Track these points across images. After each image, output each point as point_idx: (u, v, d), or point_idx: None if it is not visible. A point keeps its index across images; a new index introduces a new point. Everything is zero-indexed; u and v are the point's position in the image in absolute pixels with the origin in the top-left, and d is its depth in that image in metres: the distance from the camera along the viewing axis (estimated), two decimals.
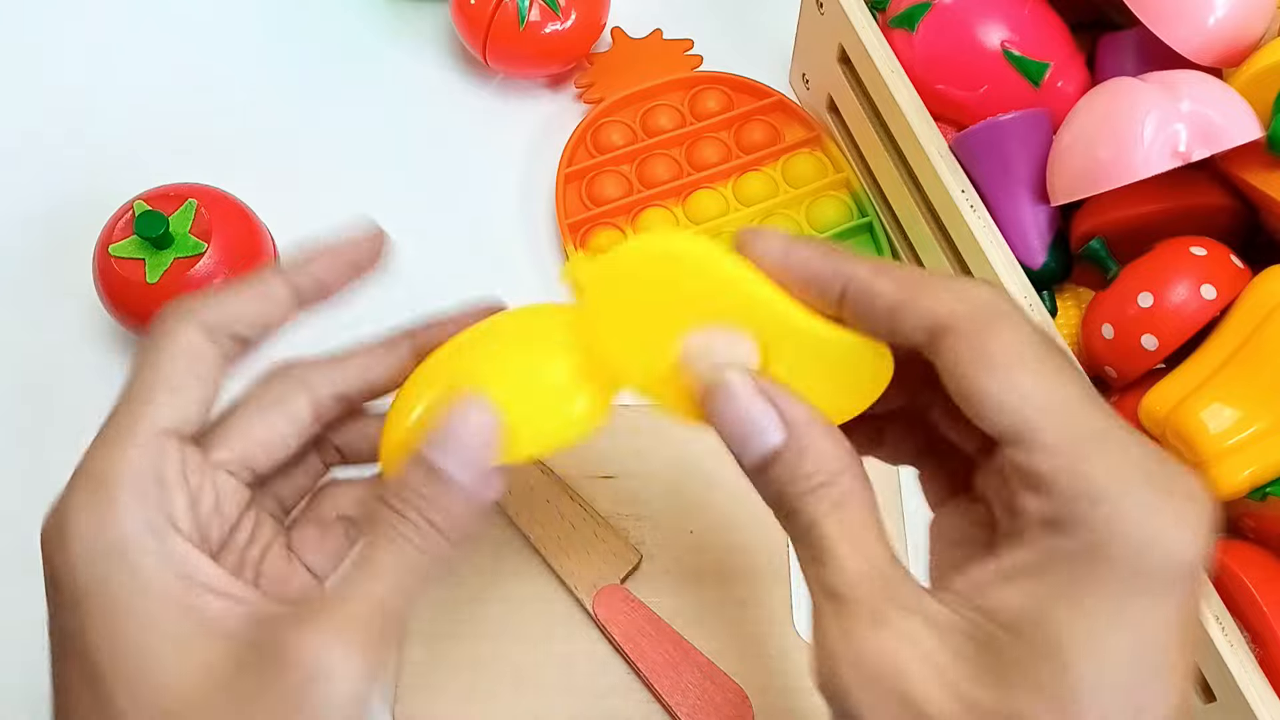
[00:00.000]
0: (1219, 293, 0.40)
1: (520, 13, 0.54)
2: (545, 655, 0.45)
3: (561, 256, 0.54)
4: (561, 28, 0.55)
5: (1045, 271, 0.47)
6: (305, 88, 0.60)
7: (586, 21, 0.56)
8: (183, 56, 0.60)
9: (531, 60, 0.57)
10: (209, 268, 0.47)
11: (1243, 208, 0.44)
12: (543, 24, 0.55)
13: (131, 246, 0.47)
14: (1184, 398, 0.39)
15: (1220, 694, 0.38)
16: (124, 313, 0.48)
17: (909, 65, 0.48)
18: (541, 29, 0.55)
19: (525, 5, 0.54)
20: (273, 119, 0.59)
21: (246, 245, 0.49)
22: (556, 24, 0.55)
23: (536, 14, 0.55)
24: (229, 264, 0.48)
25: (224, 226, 0.48)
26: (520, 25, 0.55)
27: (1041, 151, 0.46)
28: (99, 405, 0.29)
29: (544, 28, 0.55)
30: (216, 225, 0.48)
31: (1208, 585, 0.26)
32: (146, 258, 0.47)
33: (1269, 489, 0.38)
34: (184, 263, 0.47)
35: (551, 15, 0.55)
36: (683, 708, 0.43)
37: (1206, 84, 0.42)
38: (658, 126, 0.57)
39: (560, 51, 0.57)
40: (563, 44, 0.56)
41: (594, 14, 0.56)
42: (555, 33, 0.55)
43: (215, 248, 0.47)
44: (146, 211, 0.46)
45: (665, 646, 0.44)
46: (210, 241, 0.47)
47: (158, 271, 0.47)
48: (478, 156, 0.58)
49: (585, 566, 0.45)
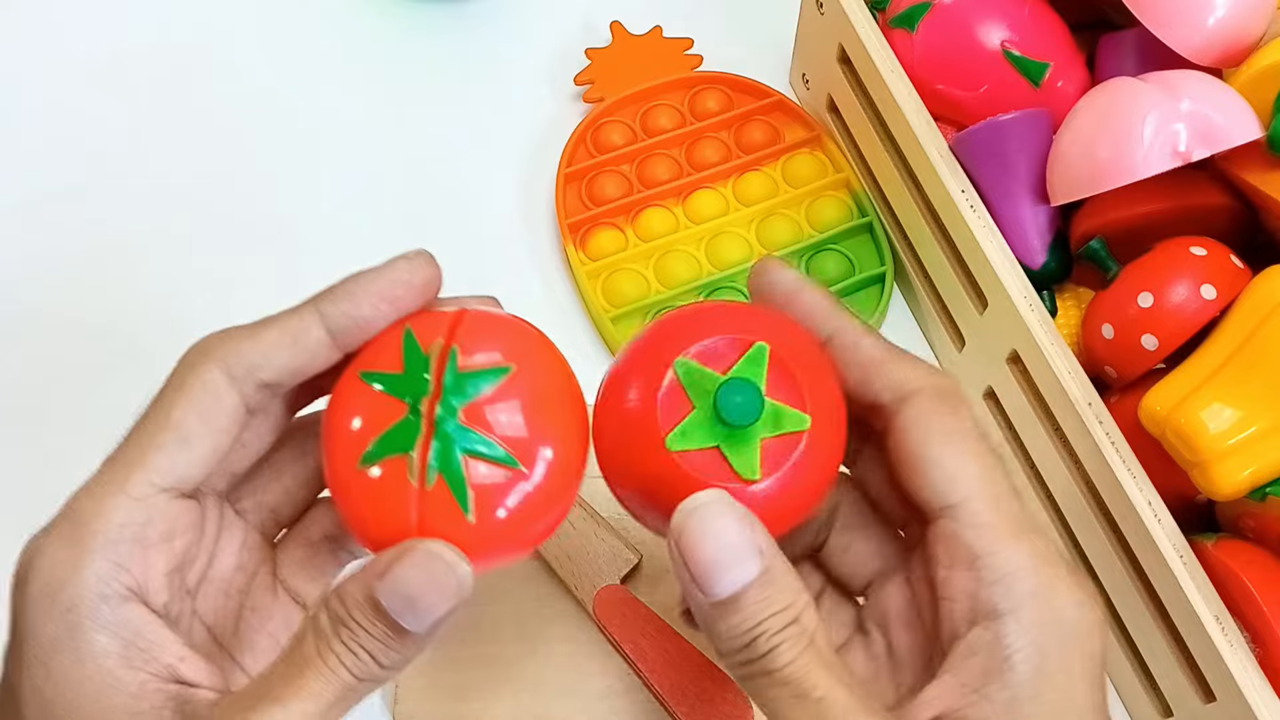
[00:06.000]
0: (1219, 293, 0.40)
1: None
2: (545, 655, 0.45)
3: (561, 256, 0.54)
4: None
5: (1045, 271, 0.47)
6: (305, 87, 0.60)
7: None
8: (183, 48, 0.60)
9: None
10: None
11: (1243, 208, 0.44)
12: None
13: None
14: (1184, 398, 0.39)
15: (1220, 694, 0.38)
16: None
17: (909, 65, 0.48)
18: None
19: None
20: (270, 118, 0.59)
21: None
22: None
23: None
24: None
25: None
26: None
27: (1041, 151, 0.46)
28: None
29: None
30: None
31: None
32: None
33: (1269, 489, 0.38)
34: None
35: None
36: (682, 708, 0.43)
37: (1206, 84, 0.42)
38: (658, 126, 0.57)
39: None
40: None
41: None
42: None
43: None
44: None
45: (665, 646, 0.44)
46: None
47: None
48: (478, 156, 0.58)
49: (585, 566, 0.45)
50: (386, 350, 0.29)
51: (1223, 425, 0.38)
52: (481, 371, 0.28)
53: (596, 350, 0.53)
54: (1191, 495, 0.41)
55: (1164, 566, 0.39)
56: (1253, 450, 0.38)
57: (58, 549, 0.27)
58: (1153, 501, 0.39)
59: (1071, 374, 0.42)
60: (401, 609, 0.26)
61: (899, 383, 0.29)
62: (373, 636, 0.26)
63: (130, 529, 0.27)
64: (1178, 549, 0.39)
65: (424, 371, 0.28)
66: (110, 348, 0.52)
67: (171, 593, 0.28)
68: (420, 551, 0.26)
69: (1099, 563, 0.44)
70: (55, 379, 0.51)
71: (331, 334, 0.29)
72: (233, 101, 0.59)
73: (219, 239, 0.55)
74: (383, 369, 0.29)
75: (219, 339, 0.29)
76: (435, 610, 0.26)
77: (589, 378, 0.31)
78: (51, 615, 0.26)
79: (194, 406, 0.28)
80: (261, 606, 0.31)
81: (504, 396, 0.28)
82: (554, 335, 0.31)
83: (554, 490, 0.29)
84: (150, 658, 0.27)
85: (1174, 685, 0.41)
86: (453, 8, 0.62)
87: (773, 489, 0.28)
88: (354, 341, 0.29)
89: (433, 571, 0.26)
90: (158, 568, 0.27)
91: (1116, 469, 0.40)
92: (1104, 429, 0.41)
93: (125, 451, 0.28)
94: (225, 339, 0.29)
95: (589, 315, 0.53)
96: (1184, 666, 0.40)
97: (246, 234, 0.55)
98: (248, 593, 0.31)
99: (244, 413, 0.29)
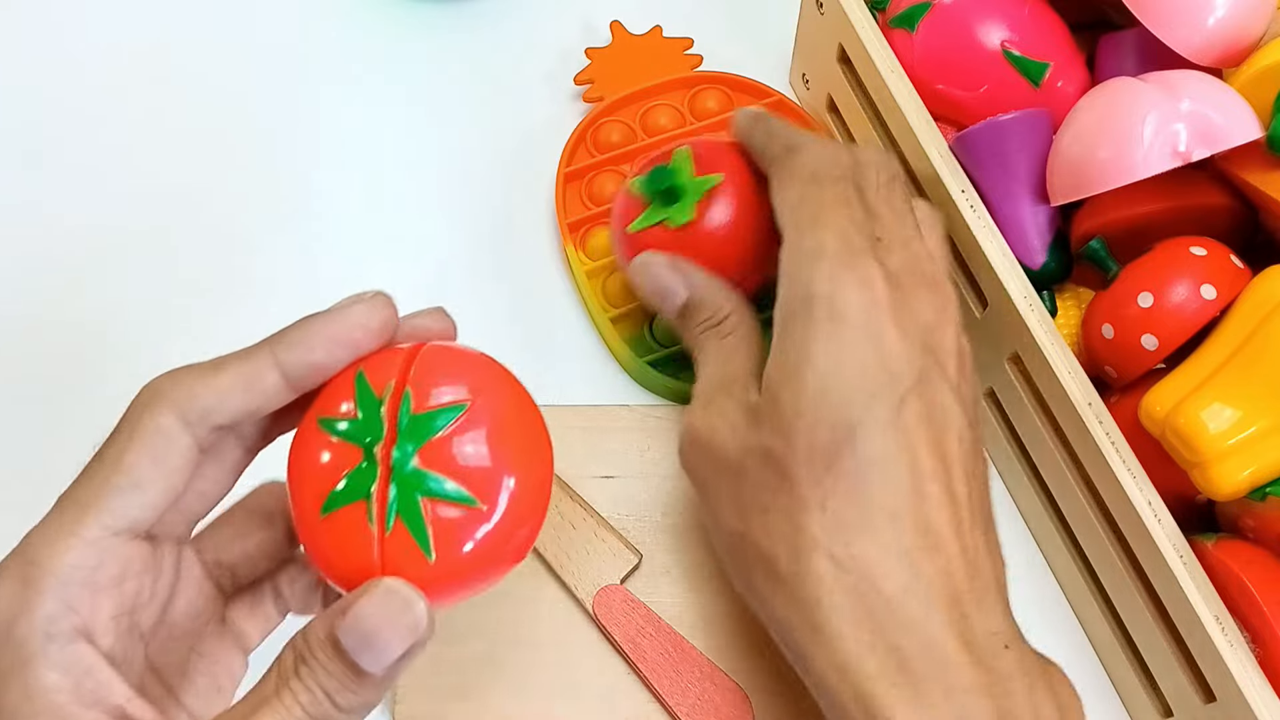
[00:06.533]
0: (1219, 293, 0.40)
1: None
2: (545, 655, 0.45)
3: (561, 256, 0.54)
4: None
5: (1045, 271, 0.47)
6: (304, 87, 0.60)
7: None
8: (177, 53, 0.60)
9: None
10: None
11: (1243, 208, 0.44)
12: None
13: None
14: (1184, 398, 0.39)
15: (1220, 694, 0.38)
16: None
17: (909, 65, 0.48)
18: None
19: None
20: (269, 118, 0.59)
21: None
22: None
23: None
24: None
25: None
26: None
27: (1041, 151, 0.46)
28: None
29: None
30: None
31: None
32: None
33: (1269, 489, 0.38)
34: None
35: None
36: (682, 708, 0.43)
37: (1206, 84, 0.42)
38: (658, 126, 0.57)
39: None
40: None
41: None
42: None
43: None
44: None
45: (665, 646, 0.44)
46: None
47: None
48: (477, 156, 0.58)
49: (585, 566, 0.45)
50: (342, 392, 0.30)
51: (1223, 425, 0.38)
52: (437, 411, 0.29)
53: (597, 350, 0.52)
54: (1191, 495, 0.41)
55: (1164, 566, 0.39)
56: (1253, 450, 0.38)
57: (10, 586, 0.27)
58: (1153, 501, 0.39)
59: (1071, 374, 0.42)
60: (358, 648, 0.26)
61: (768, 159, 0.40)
62: (331, 675, 0.27)
63: (81, 571, 0.27)
64: (1178, 549, 0.39)
65: (377, 415, 0.29)
66: (109, 350, 0.52)
67: (117, 635, 0.28)
68: (379, 589, 0.27)
69: (1099, 563, 0.44)
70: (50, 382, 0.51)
71: (286, 379, 0.29)
72: (232, 101, 0.59)
73: (215, 239, 0.55)
74: (338, 414, 0.29)
75: (170, 381, 0.29)
76: (391, 649, 0.27)
77: (589, 377, 0.31)
78: (5, 651, 0.26)
79: (147, 450, 0.28)
80: (209, 651, 0.32)
81: (460, 432, 0.29)
82: (554, 335, 0.31)
83: (519, 517, 0.29)
84: (99, 698, 0.27)
85: (1174, 685, 0.41)
86: (453, 8, 0.62)
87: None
88: (309, 384, 0.29)
89: (390, 608, 0.27)
90: (105, 610, 0.28)
91: (1116, 469, 0.40)
92: (1104, 429, 0.41)
93: (78, 492, 0.28)
94: (177, 382, 0.29)
95: (589, 315, 0.53)
96: (1184, 666, 0.40)
97: (245, 234, 0.55)
98: (198, 636, 0.31)
99: (197, 455, 0.29)
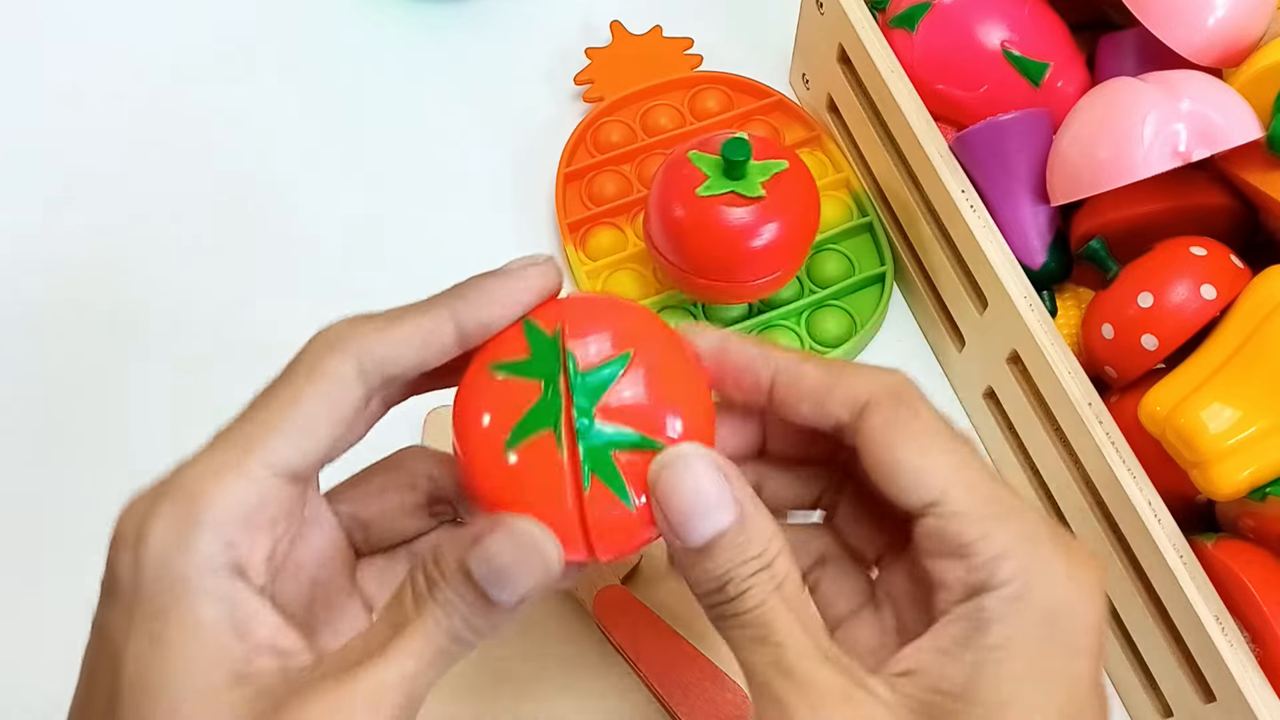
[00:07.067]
0: (1219, 293, 0.40)
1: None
2: (545, 655, 0.45)
3: (561, 256, 0.54)
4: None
5: (1045, 271, 0.47)
6: (304, 86, 0.60)
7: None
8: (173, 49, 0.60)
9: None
10: None
11: (1243, 208, 0.44)
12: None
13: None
14: (1184, 398, 0.39)
15: (1220, 694, 0.38)
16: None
17: (909, 65, 0.48)
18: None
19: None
20: (269, 118, 0.59)
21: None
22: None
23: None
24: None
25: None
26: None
27: (1041, 151, 0.46)
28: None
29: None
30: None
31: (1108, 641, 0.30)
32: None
33: (1269, 489, 0.38)
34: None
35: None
36: (682, 707, 0.43)
37: (1206, 84, 0.42)
38: (658, 126, 0.57)
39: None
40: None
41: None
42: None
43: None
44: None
45: (665, 646, 0.44)
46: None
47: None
48: (477, 156, 0.58)
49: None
50: (511, 340, 0.30)
51: (1223, 425, 0.38)
52: (602, 365, 0.29)
53: None
54: (1191, 495, 0.41)
55: (1164, 566, 0.39)
56: (1253, 450, 0.38)
57: (169, 520, 0.26)
58: (1153, 501, 0.39)
59: (1071, 374, 0.42)
60: (490, 579, 0.27)
61: (850, 397, 0.29)
62: (464, 601, 0.27)
63: (242, 510, 0.27)
64: (1178, 549, 0.39)
65: (553, 352, 0.29)
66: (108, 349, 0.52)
67: (269, 574, 0.28)
68: (510, 526, 0.27)
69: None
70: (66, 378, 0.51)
71: (461, 335, 0.29)
72: (231, 101, 0.59)
73: (213, 239, 0.55)
74: (511, 359, 0.29)
75: (349, 327, 0.29)
76: (522, 584, 0.27)
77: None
78: (164, 583, 0.26)
79: (323, 395, 0.28)
80: (337, 604, 0.32)
81: (629, 378, 0.29)
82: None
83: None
84: (253, 629, 0.27)
85: (1174, 685, 0.41)
86: (453, 8, 0.62)
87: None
88: (476, 341, 0.30)
89: (520, 546, 0.27)
90: (261, 549, 0.28)
91: (1116, 469, 0.40)
92: (1104, 429, 0.41)
93: (243, 430, 0.28)
94: (355, 331, 0.28)
95: None
96: (1184, 666, 0.40)
97: (244, 234, 0.55)
98: (324, 585, 0.31)
99: (364, 405, 0.29)
